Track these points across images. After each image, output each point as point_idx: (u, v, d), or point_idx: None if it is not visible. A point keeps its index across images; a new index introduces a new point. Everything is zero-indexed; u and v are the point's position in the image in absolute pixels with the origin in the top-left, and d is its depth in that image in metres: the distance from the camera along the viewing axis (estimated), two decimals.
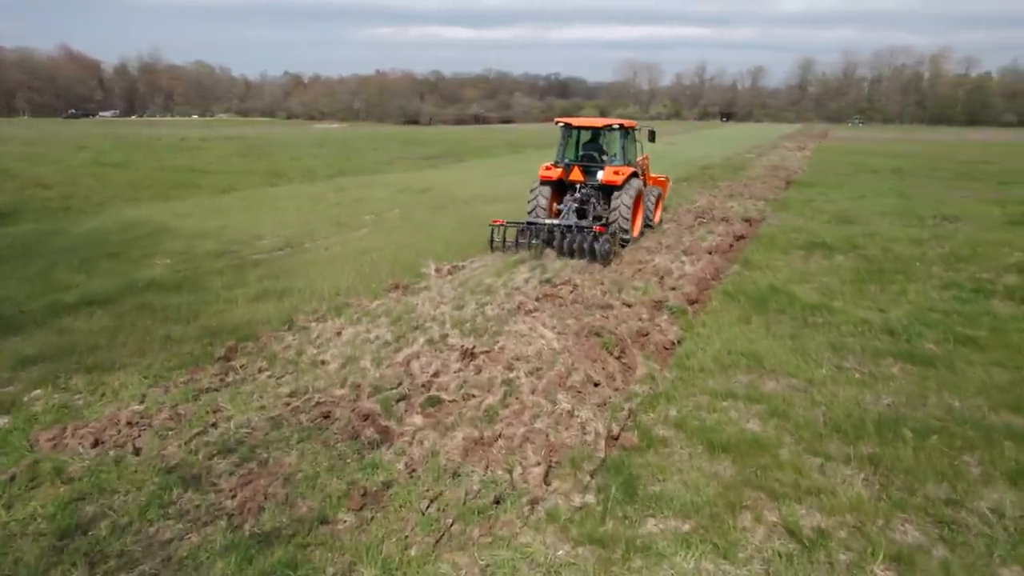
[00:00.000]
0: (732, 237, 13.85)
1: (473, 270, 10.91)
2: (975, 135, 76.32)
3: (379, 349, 7.27)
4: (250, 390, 6.27)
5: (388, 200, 19.11)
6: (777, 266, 11.26)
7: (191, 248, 12.65)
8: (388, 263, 11.41)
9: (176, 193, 20.32)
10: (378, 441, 5.37)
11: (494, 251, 11.81)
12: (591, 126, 13.17)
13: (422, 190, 21.34)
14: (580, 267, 10.85)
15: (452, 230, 14.37)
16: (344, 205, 18.19)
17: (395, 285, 9.92)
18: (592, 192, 12.39)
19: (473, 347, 7.16)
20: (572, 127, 12.98)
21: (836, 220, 15.91)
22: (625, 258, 11.58)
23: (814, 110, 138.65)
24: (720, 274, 11.06)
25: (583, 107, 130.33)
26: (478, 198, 19.59)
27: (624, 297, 9.22)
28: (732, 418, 5.78)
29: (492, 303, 8.80)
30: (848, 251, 12.44)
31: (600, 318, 8.19)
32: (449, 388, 6.29)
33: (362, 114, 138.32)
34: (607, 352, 7.21)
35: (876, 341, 7.68)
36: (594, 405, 6.01)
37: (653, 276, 10.38)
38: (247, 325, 8.14)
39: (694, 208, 17.51)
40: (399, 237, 13.74)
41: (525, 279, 10.11)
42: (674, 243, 12.82)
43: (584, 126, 13.15)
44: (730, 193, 21.09)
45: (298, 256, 12.19)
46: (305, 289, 9.77)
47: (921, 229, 14.85)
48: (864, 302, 9.22)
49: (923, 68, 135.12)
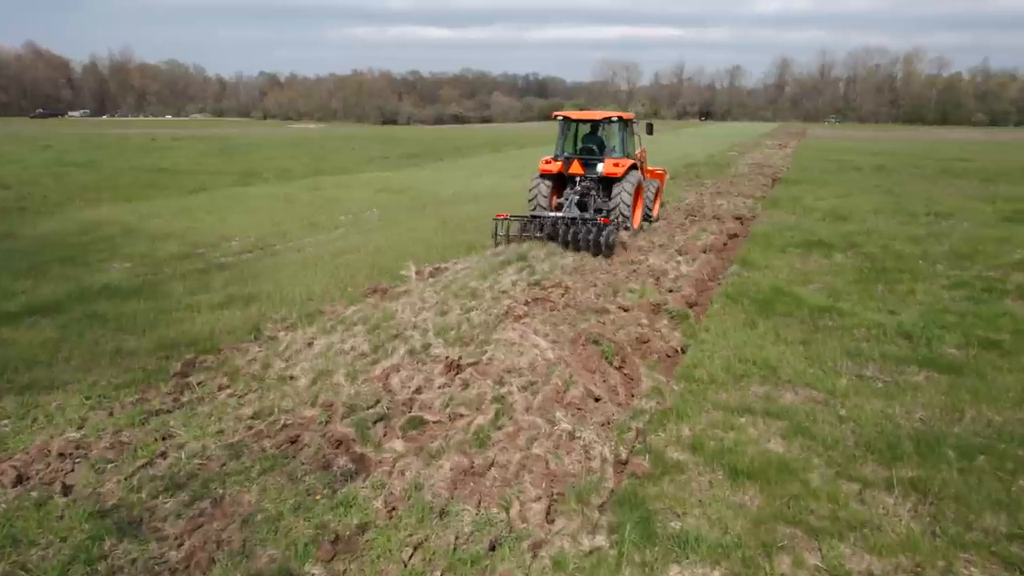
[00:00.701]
0: (726, 235, 13.31)
1: (456, 272, 10.22)
2: (949, 134, 77.20)
3: (354, 362, 6.55)
4: (207, 411, 5.53)
5: (365, 200, 18.33)
6: (776, 266, 10.72)
7: (153, 251, 11.80)
8: (365, 265, 10.68)
9: (142, 193, 19.34)
10: (352, 472, 4.67)
11: (498, 245, 11.69)
12: (590, 119, 13.03)
13: (401, 190, 20.58)
14: (570, 267, 10.21)
15: (433, 231, 13.66)
16: (319, 205, 17.38)
17: (372, 289, 9.20)
18: (592, 185, 12.29)
19: (459, 358, 6.47)
20: (571, 120, 12.91)
21: (830, 217, 15.47)
22: (617, 258, 10.97)
23: (791, 109, 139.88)
24: (718, 274, 10.49)
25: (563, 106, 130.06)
26: (458, 198, 18.89)
27: (620, 300, 8.59)
28: (752, 437, 5.17)
29: (478, 308, 8.12)
30: (847, 249, 11.96)
31: (596, 324, 7.55)
32: (433, 406, 5.61)
33: (340, 114, 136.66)
34: (607, 362, 6.57)
35: (893, 346, 7.13)
36: (597, 425, 5.36)
37: (648, 277, 9.77)
38: (209, 336, 7.37)
39: (683, 206, 16.99)
40: (377, 238, 13.00)
41: (512, 281, 9.44)
42: (667, 242, 12.24)
43: (583, 119, 13.05)
44: (717, 191, 20.64)
45: (268, 259, 11.40)
46: (274, 295, 9.01)
47: (917, 226, 14.44)
48: (873, 303, 8.69)
49: (896, 68, 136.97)
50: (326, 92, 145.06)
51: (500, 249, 11.69)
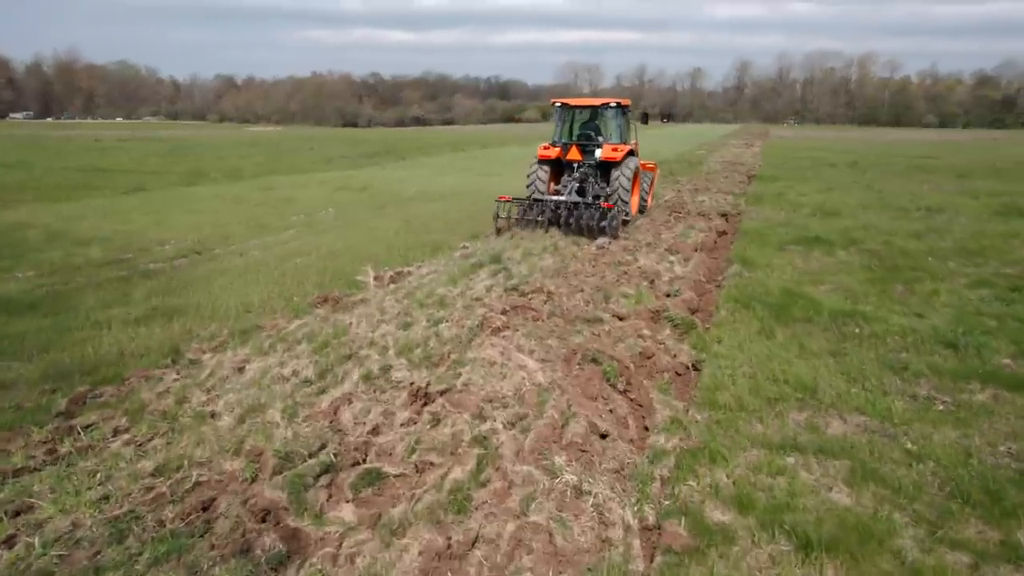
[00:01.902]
0: (715, 233, 12.28)
1: (421, 277, 8.92)
2: (904, 134, 78.33)
3: (295, 391, 5.22)
4: (91, 468, 4.14)
5: (321, 199, 16.86)
6: (778, 264, 9.69)
7: (70, 257, 10.21)
8: (316, 271, 9.31)
9: (71, 194, 17.50)
10: (282, 557, 3.36)
11: (498, 229, 11.69)
12: (588, 105, 13.01)
13: (360, 188, 19.14)
14: (551, 270, 9.00)
15: (394, 231, 12.32)
16: (270, 205, 15.86)
17: (323, 298, 7.84)
18: (590, 171, 12.24)
19: (427, 385, 5.20)
20: (569, 107, 12.94)
21: (820, 213, 14.59)
22: (602, 259, 9.80)
23: (751, 111, 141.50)
24: (716, 275, 9.41)
25: (526, 108, 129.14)
26: (422, 196, 17.55)
27: (614, 307, 7.40)
28: (808, 484, 4.01)
29: (448, 320, 6.85)
30: (848, 246, 11.02)
31: (591, 336, 6.35)
32: (395, 452, 4.32)
33: (299, 117, 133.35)
34: (610, 386, 5.36)
35: (938, 357, 6.09)
36: (609, 473, 4.14)
37: (641, 280, 8.62)
38: (115, 360, 5.94)
39: (663, 203, 15.98)
40: (332, 239, 11.60)
41: (487, 287, 8.19)
42: (654, 240, 11.13)
43: (581, 105, 13.06)
44: (695, 188, 19.73)
45: (205, 264, 9.93)
46: (205, 307, 7.59)
47: (911, 221, 13.65)
48: (896, 306, 7.68)
49: (851, 71, 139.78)
50: (284, 94, 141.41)
51: (470, 250, 10.45)
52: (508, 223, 11.81)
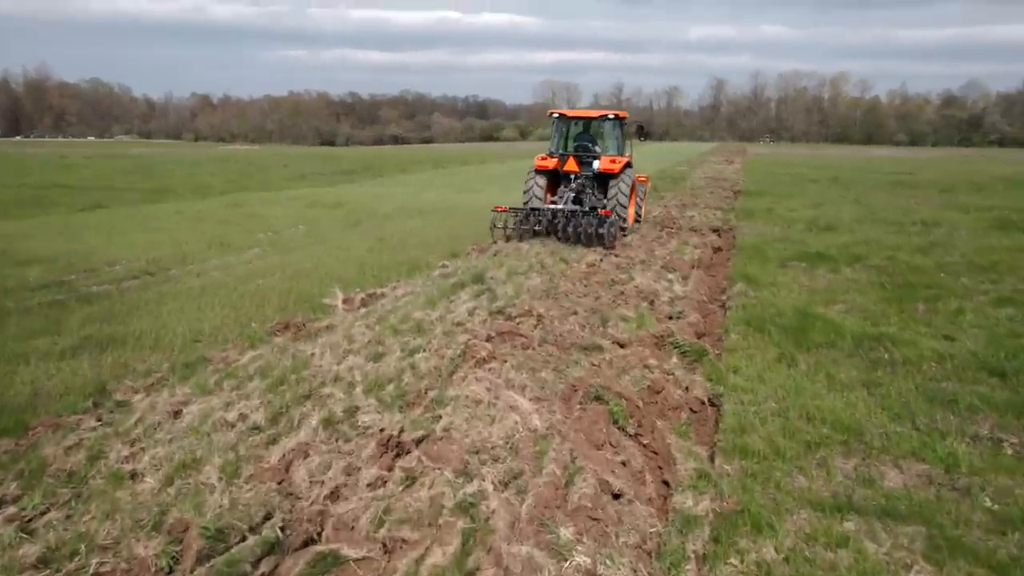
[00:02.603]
0: (711, 249, 11.58)
1: (396, 299, 8.04)
2: (878, 152, 79.29)
3: (240, 441, 4.30)
4: None
5: (291, 216, 15.92)
6: (783, 282, 8.97)
7: (2, 279, 9.17)
8: (279, 293, 8.38)
9: (23, 211, 16.39)
10: None
11: (495, 240, 11.49)
12: (586, 116, 12.99)
13: (334, 205, 18.22)
14: (539, 290, 8.17)
15: (368, 249, 11.43)
16: (235, 223, 14.88)
17: (284, 325, 6.92)
18: (587, 182, 12.15)
19: (400, 432, 4.31)
20: (566, 118, 12.88)
21: (815, 228, 14.00)
22: (595, 277, 9.01)
23: (727, 129, 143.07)
24: (719, 294, 8.66)
25: (504, 127, 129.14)
26: (399, 212, 16.69)
27: (613, 332, 6.58)
28: (879, 561, 3.20)
29: (426, 349, 5.98)
30: (853, 262, 10.36)
31: (590, 368, 5.51)
32: (358, 526, 3.42)
33: (275, 135, 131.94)
34: (619, 429, 4.52)
35: (985, 387, 5.35)
36: (631, 550, 3.28)
37: (640, 300, 7.82)
38: (25, 404, 4.97)
39: (652, 219, 15.31)
40: (299, 259, 10.68)
41: (469, 309, 7.33)
42: (648, 257, 10.37)
43: (578, 116, 13.01)
44: (682, 203, 19.13)
45: (156, 287, 8.95)
46: (148, 335, 6.63)
47: (910, 235, 13.10)
48: (922, 327, 6.97)
49: (824, 90, 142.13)
50: (261, 113, 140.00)
51: (450, 269, 9.60)
52: (505, 232, 11.61)
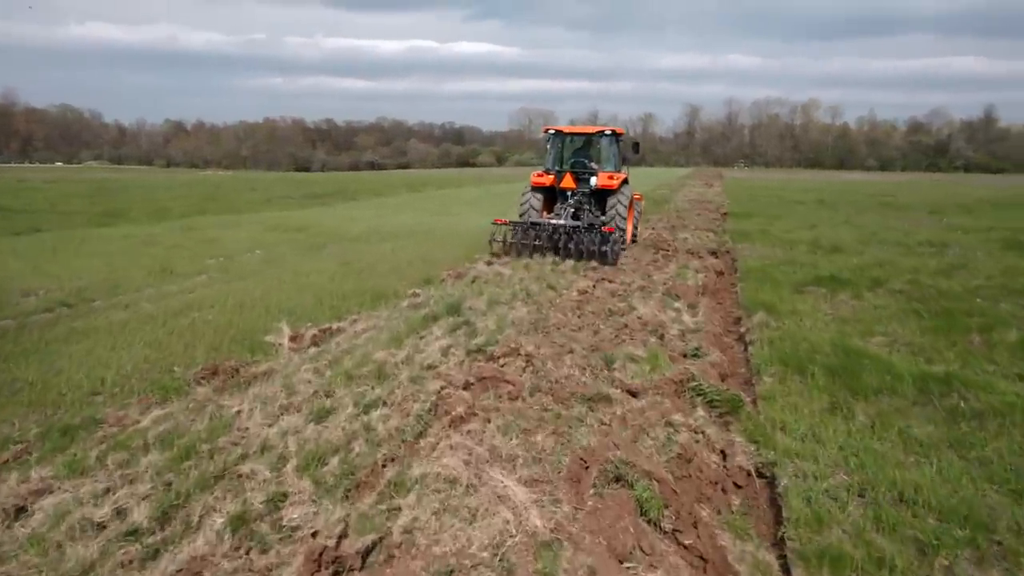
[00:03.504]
0: (713, 273, 10.45)
1: (355, 336, 6.72)
2: (851, 176, 79.85)
3: (104, 557, 2.95)
4: None
5: (249, 240, 14.53)
6: (804, 310, 7.83)
7: None
8: (217, 328, 7.01)
9: None
10: None
11: (494, 252, 11.27)
12: (582, 132, 12.73)
13: (299, 228, 16.85)
14: (526, 322, 6.93)
15: (329, 275, 10.09)
16: (186, 247, 13.44)
17: (212, 370, 5.56)
18: (584, 198, 11.93)
19: (340, 538, 3.00)
20: (563, 134, 12.63)
21: (820, 249, 12.98)
22: (589, 306, 7.79)
23: (702, 154, 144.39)
24: (733, 325, 7.48)
25: (481, 152, 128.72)
26: (369, 235, 15.37)
27: (620, 376, 5.34)
28: None
29: (388, 402, 4.68)
30: (874, 287, 9.28)
31: (599, 429, 4.24)
32: None
33: (250, 162, 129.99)
34: (650, 524, 3.25)
35: None
36: None
37: (647, 334, 6.60)
38: None
39: (642, 240, 14.22)
40: (248, 287, 9.31)
41: (443, 348, 6.05)
42: (647, 283, 9.19)
43: (575, 132, 12.76)
44: (670, 225, 18.15)
45: (71, 322, 7.51)
46: (35, 386, 5.24)
47: (923, 257, 12.13)
48: (987, 365, 5.84)
49: (795, 117, 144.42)
50: (235, 139, 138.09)
51: (422, 298, 8.32)
52: (504, 247, 11.29)
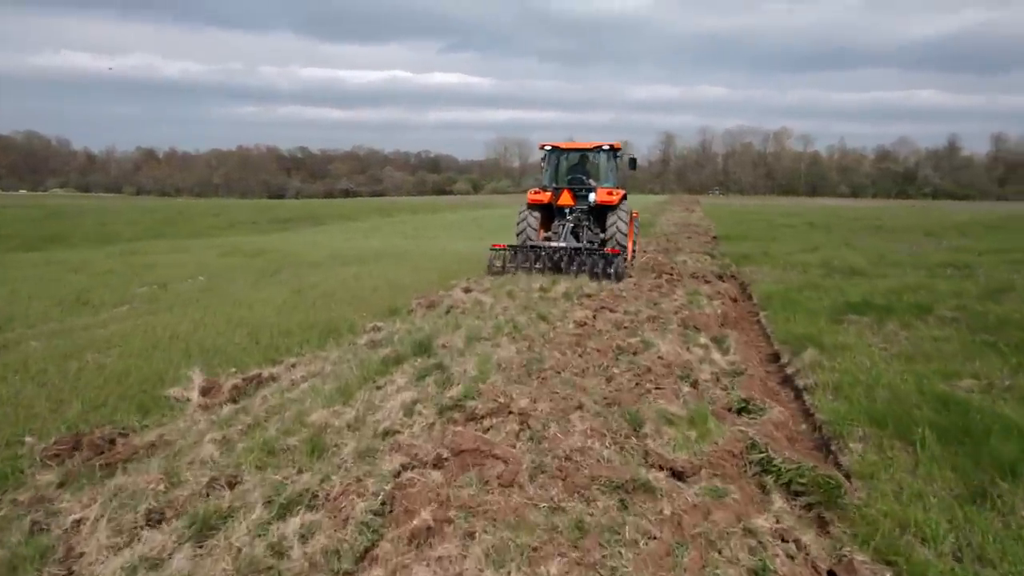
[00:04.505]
0: (728, 299, 9.02)
1: (291, 385, 5.08)
2: (827, 202, 79.91)
3: None
4: None
5: (196, 265, 12.81)
6: (854, 344, 6.39)
7: None
8: (110, 377, 5.33)
9: None
10: None
11: (493, 275, 10.75)
12: (580, 148, 12.35)
13: (255, 253, 15.16)
14: (514, 365, 5.38)
15: (276, 306, 8.45)
16: (117, 274, 11.68)
17: (73, 443, 3.90)
18: (583, 216, 11.64)
19: None
20: (560, 150, 12.28)
21: (838, 272, 11.67)
22: (591, 341, 6.25)
23: (676, 182, 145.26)
24: (772, 363, 6.01)
25: (457, 180, 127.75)
26: (332, 259, 13.76)
27: (656, 447, 3.78)
28: None
29: (317, 502, 3.08)
30: (921, 314, 7.91)
31: (647, 551, 2.68)
32: None
33: (222, 189, 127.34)
34: None
35: None
36: None
37: (676, 380, 5.08)
38: None
39: (639, 264, 12.83)
40: (173, 321, 7.62)
41: (407, 404, 4.46)
42: (655, 311, 7.70)
43: (572, 148, 12.38)
44: (663, 248, 16.88)
45: None
46: None
47: (953, 280, 10.86)
48: None
49: (768, 144, 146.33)
50: (207, 167, 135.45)
51: (384, 333, 6.72)
52: (503, 271, 10.87)
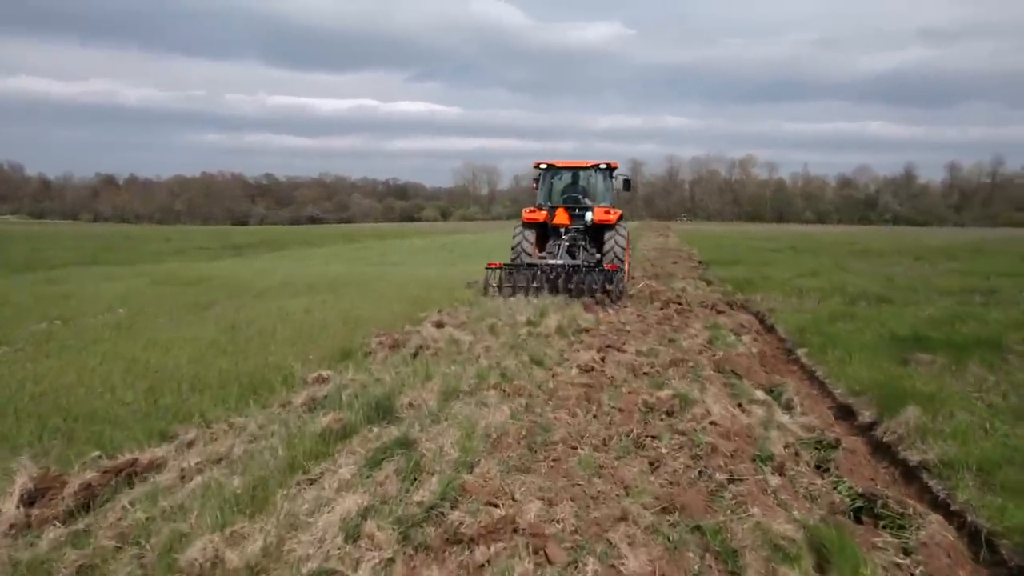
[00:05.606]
0: (754, 333, 7.53)
1: (181, 476, 3.36)
2: (794, 228, 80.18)
3: None
4: None
5: (119, 296, 10.90)
6: (953, 399, 4.90)
7: None
8: None
9: None
10: None
11: (488, 293, 10.54)
12: (576, 167, 12.12)
13: (193, 280, 13.27)
14: (512, 439, 3.76)
15: (200, 349, 6.64)
16: (16, 306, 9.72)
17: None
18: (579, 235, 11.44)
19: None
20: (555, 168, 12.08)
21: (863, 299, 10.32)
22: (608, 397, 4.66)
23: (644, 208, 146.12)
24: (842, 418, 4.47)
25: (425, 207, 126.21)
26: (280, 289, 11.96)
27: None
28: None
29: None
30: (998, 351, 6.51)
31: None
32: None
33: (184, 216, 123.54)
34: None
35: None
36: None
37: (750, 463, 3.49)
38: None
39: (636, 292, 11.38)
40: (51, 371, 5.77)
41: (350, 518, 2.79)
42: (674, 351, 6.14)
43: (568, 167, 12.16)
44: (652, 274, 15.52)
45: None
46: None
47: (991, 307, 9.61)
48: None
49: (734, 172, 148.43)
50: (169, 193, 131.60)
51: (330, 388, 5.01)
52: (499, 291, 10.59)
